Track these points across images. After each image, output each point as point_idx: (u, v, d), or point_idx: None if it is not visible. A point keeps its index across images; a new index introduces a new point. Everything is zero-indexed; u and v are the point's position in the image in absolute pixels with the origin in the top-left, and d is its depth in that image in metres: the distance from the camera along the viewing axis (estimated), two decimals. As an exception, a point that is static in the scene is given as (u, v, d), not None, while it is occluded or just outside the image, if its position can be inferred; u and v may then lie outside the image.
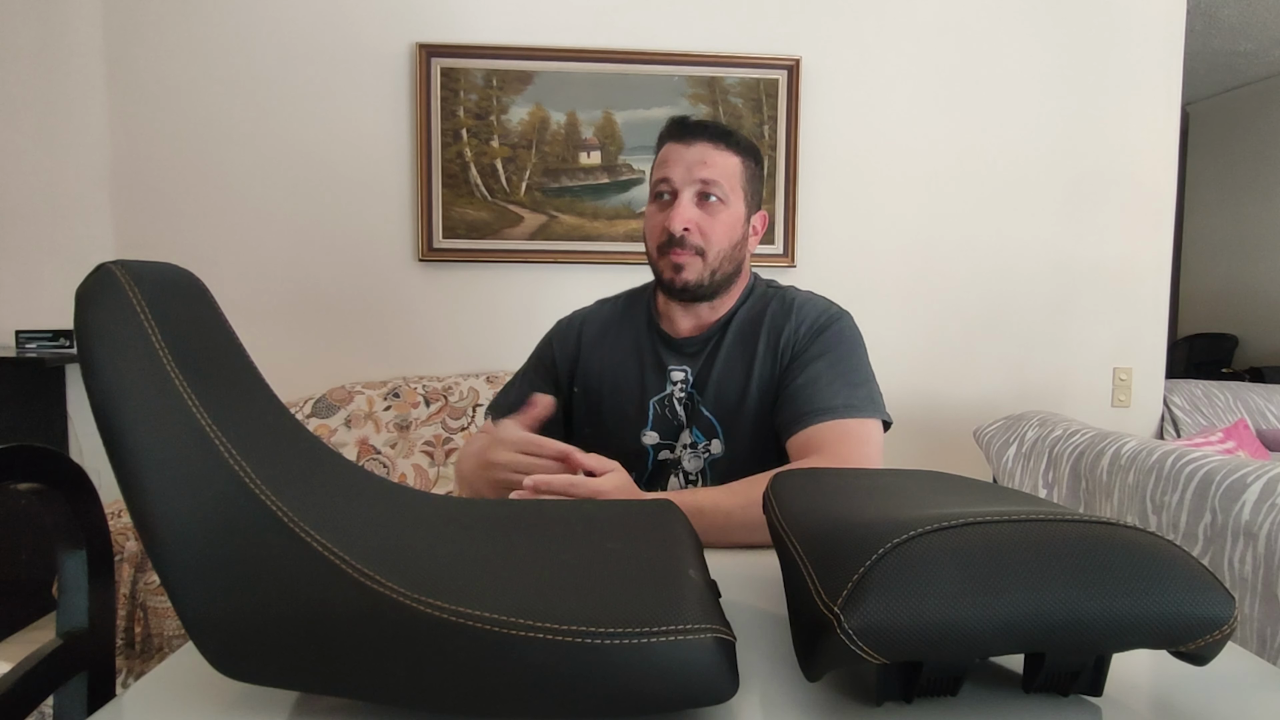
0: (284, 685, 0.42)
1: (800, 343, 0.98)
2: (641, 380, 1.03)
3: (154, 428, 0.42)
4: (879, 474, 0.64)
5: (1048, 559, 0.39)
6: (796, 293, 1.04)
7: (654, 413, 1.01)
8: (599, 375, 1.05)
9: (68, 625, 0.53)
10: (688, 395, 1.01)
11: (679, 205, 0.96)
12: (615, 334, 1.08)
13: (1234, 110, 4.19)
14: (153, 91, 2.06)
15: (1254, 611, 1.13)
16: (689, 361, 1.02)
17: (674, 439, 1.01)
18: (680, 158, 0.97)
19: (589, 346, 1.07)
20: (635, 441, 1.01)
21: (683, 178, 0.96)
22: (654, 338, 1.05)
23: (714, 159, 0.97)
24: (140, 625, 1.49)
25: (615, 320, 1.09)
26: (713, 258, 0.97)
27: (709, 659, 0.38)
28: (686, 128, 0.99)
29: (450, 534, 0.50)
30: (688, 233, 0.95)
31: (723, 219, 0.97)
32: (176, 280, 0.49)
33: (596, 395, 1.05)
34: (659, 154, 1.01)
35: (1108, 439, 1.54)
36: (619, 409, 1.03)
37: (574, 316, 1.13)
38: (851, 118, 2.21)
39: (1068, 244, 2.27)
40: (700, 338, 1.02)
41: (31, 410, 1.97)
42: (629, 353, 1.05)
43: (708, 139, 0.97)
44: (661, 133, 1.02)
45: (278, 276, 2.12)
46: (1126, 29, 2.24)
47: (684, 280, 0.97)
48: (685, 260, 0.96)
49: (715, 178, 0.96)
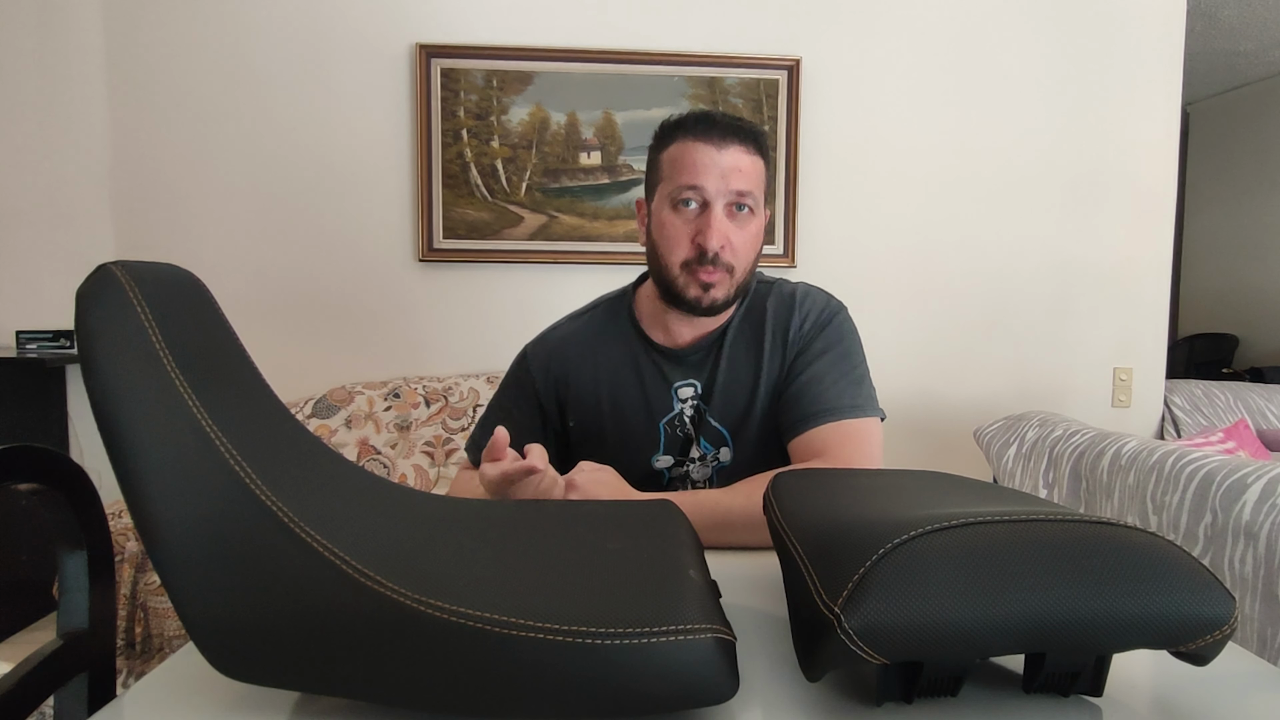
0: (284, 685, 0.42)
1: (805, 336, 0.93)
2: (645, 402, 0.95)
3: (154, 428, 0.42)
4: (879, 474, 0.64)
5: (1048, 559, 0.39)
6: (794, 285, 0.98)
7: (665, 435, 0.94)
8: (596, 402, 0.96)
9: (68, 625, 0.53)
10: (695, 410, 0.95)
11: (713, 219, 0.86)
12: (603, 353, 0.98)
13: (1234, 110, 4.19)
14: (153, 91, 2.06)
15: (1254, 611, 1.13)
16: (694, 374, 0.95)
17: (684, 454, 0.96)
18: (713, 163, 0.86)
19: (576, 372, 0.98)
20: (646, 466, 0.95)
21: (717, 188, 0.86)
22: (650, 352, 0.96)
23: (747, 166, 0.88)
24: (140, 625, 1.49)
25: (598, 336, 0.99)
26: (740, 273, 0.90)
27: (709, 659, 0.38)
28: (716, 125, 0.87)
29: (450, 534, 0.50)
30: (722, 250, 0.87)
31: (751, 231, 0.90)
32: (177, 280, 0.49)
33: (597, 424, 0.96)
34: (671, 148, 0.90)
35: (1108, 439, 1.54)
36: (625, 435, 0.95)
37: (548, 338, 1.02)
38: (851, 118, 2.21)
39: (1068, 244, 2.27)
40: (703, 345, 0.95)
41: (31, 410, 1.97)
42: (625, 372, 0.96)
43: (740, 142, 0.87)
44: (676, 123, 0.90)
45: (278, 276, 2.12)
46: (1126, 29, 2.24)
47: (712, 299, 0.89)
48: (717, 279, 0.88)
49: (750, 188, 0.88)
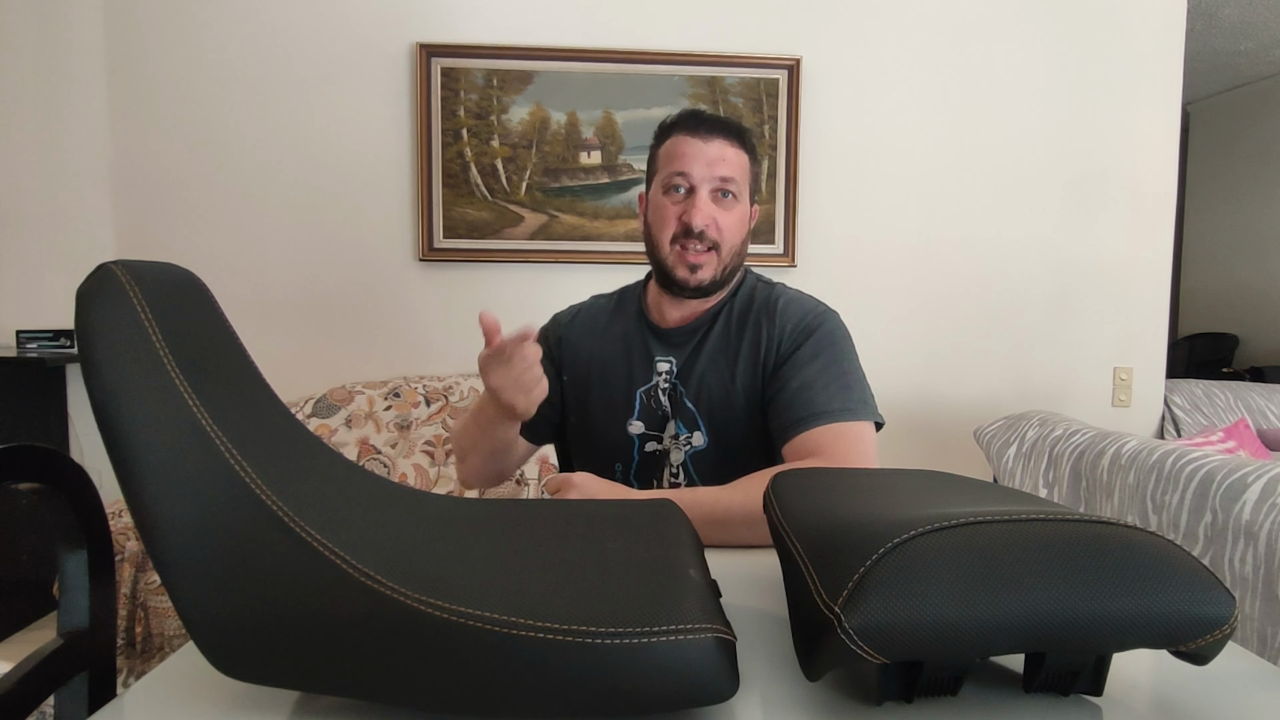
0: (284, 685, 0.42)
1: (784, 346, 0.98)
2: (629, 371, 1.04)
3: (154, 428, 0.42)
4: (879, 474, 0.64)
5: (1048, 559, 0.39)
6: (783, 291, 1.04)
7: (640, 403, 1.03)
8: (586, 364, 1.07)
9: (68, 625, 0.53)
10: (671, 386, 1.02)
11: (699, 201, 0.96)
12: (606, 325, 1.09)
13: (1234, 110, 4.19)
14: (153, 91, 2.06)
15: (1254, 611, 1.13)
16: (675, 352, 1.03)
17: (660, 430, 1.02)
18: (699, 153, 0.96)
19: (577, 334, 1.09)
20: (621, 431, 1.03)
21: (702, 174, 0.96)
22: (643, 328, 1.06)
23: (730, 156, 0.97)
24: (140, 625, 1.49)
25: (607, 312, 1.11)
26: (725, 254, 0.98)
27: (709, 659, 0.38)
28: (704, 121, 0.98)
29: (450, 534, 0.50)
30: (707, 228, 0.96)
31: (736, 216, 0.99)
32: (177, 280, 0.49)
33: (584, 384, 1.06)
34: (665, 143, 1.00)
35: (1108, 439, 1.54)
36: (606, 398, 1.04)
37: (570, 308, 1.15)
38: (852, 117, 2.21)
39: (1068, 244, 2.27)
40: (688, 328, 1.03)
41: (31, 410, 1.97)
42: (618, 343, 1.06)
43: (725, 136, 0.98)
44: (670, 122, 1.01)
45: (278, 276, 2.12)
46: (1126, 29, 2.24)
47: (699, 279, 0.98)
48: (702, 259, 0.97)
49: (734, 175, 0.97)
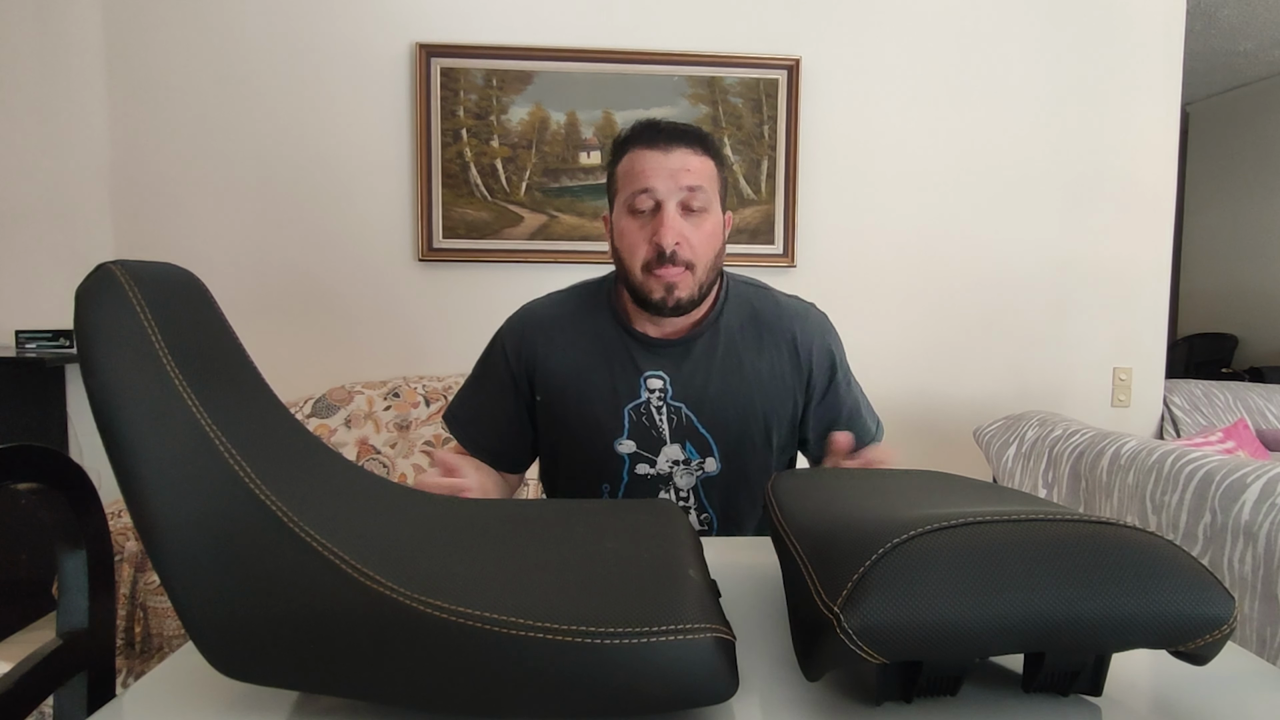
0: (284, 685, 0.42)
1: (817, 375, 0.98)
2: (612, 385, 0.96)
3: (154, 428, 0.42)
4: (879, 474, 0.64)
5: (1047, 559, 0.39)
6: (778, 295, 1.02)
7: (630, 420, 0.96)
8: (563, 379, 0.98)
9: (68, 625, 0.53)
10: (668, 406, 0.96)
11: (666, 218, 0.89)
12: (574, 332, 0.99)
13: (1234, 110, 4.19)
14: (153, 91, 2.06)
15: (1254, 611, 1.13)
16: (666, 366, 0.96)
17: (654, 452, 0.96)
18: (660, 165, 0.89)
19: (547, 347, 0.99)
20: (608, 450, 0.96)
21: (667, 187, 0.89)
22: (624, 337, 0.98)
23: (695, 165, 0.90)
24: (140, 625, 1.48)
25: (572, 317, 1.01)
26: (701, 270, 0.92)
27: (709, 659, 0.38)
28: (661, 131, 0.91)
29: (450, 534, 0.50)
30: (679, 247, 0.89)
31: (707, 228, 0.92)
32: (176, 280, 0.49)
33: (561, 401, 0.98)
34: (623, 160, 0.93)
35: (1108, 439, 1.54)
36: (589, 415, 0.96)
37: (524, 314, 1.03)
38: (851, 118, 2.21)
39: (1068, 244, 2.27)
40: (680, 341, 0.97)
41: (31, 410, 1.97)
42: (595, 354, 0.98)
43: (686, 144, 0.91)
44: (625, 137, 0.94)
45: (278, 276, 2.12)
46: (1126, 29, 2.24)
47: (677, 299, 0.91)
48: (677, 279, 0.90)
49: (700, 184, 0.90)
